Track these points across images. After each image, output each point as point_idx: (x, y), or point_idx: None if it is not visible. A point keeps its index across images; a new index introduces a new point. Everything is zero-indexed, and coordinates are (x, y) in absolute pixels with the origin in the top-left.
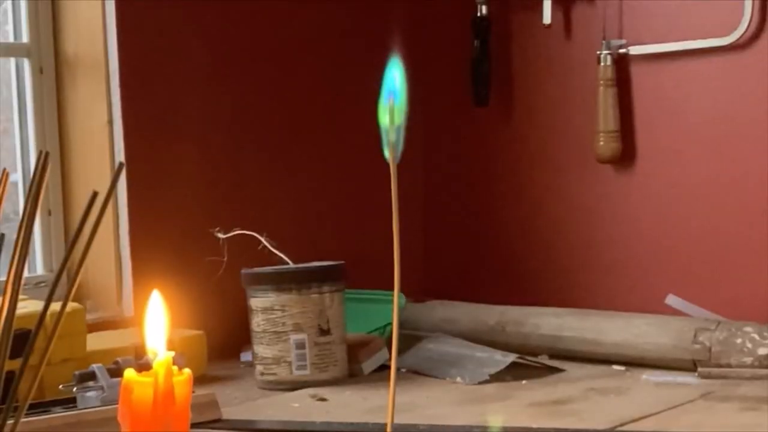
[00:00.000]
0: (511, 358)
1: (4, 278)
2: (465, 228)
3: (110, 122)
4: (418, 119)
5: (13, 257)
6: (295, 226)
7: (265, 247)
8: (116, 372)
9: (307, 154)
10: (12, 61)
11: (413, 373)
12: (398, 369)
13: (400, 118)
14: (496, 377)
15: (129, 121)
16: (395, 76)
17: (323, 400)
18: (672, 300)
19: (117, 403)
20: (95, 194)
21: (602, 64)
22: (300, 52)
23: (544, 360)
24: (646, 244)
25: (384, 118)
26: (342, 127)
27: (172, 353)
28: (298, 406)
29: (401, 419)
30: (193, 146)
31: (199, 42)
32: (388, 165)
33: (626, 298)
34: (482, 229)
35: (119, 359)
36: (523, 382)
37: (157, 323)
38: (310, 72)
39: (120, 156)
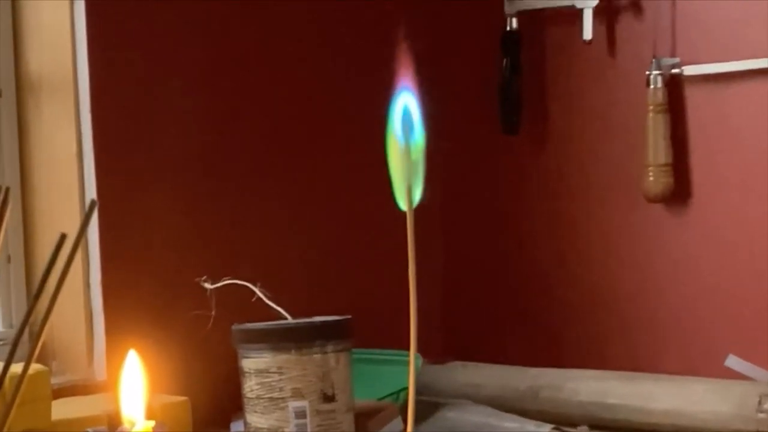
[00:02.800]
0: (547, 429)
1: None
2: (490, 277)
3: (80, 154)
4: (436, 151)
5: None
6: (294, 275)
7: (259, 299)
8: None
9: (309, 193)
10: None
11: None
12: None
13: (417, 158)
14: None
15: (101, 153)
16: (409, 107)
17: None
18: (733, 361)
19: None
20: (63, 237)
21: (652, 86)
22: (299, 77)
23: (585, 431)
24: (702, 296)
25: (395, 159)
26: (349, 163)
27: (152, 423)
28: None
29: None
30: (176, 182)
31: (183, 62)
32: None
33: (679, 359)
34: (510, 279)
35: (90, 430)
36: None
37: (134, 388)
38: (311, 98)
39: (91, 193)
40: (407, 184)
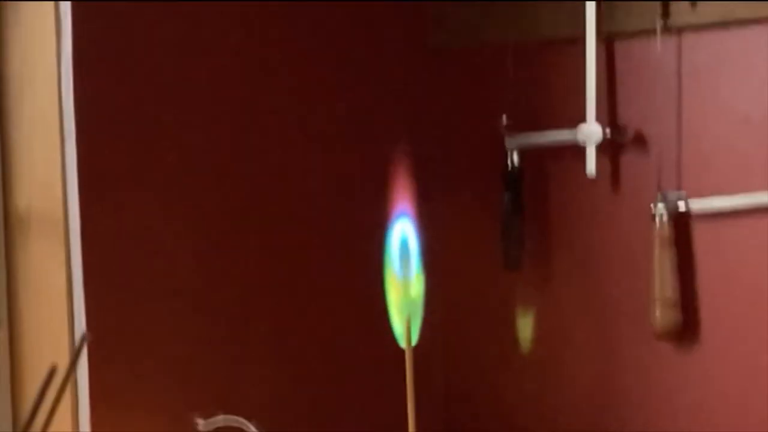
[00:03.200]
0: None
1: None
2: (494, 419)
3: (69, 290)
4: (436, 288)
5: None
6: (290, 412)
7: None
8: None
9: (305, 328)
10: None
11: None
12: None
13: (416, 293)
14: None
15: (92, 290)
16: (407, 240)
17: None
18: None
19: None
20: (54, 369)
21: (657, 221)
22: (294, 215)
23: None
24: None
25: (394, 295)
26: (348, 298)
27: None
28: None
29: None
30: (169, 317)
31: (176, 198)
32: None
33: None
34: (515, 419)
35: None
36: None
37: None
38: (307, 229)
39: (81, 327)
40: (406, 320)
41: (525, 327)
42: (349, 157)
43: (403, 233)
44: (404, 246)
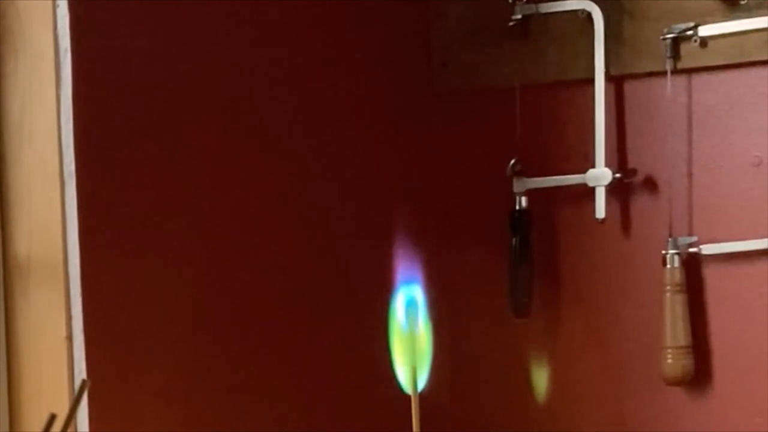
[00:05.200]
0: None
1: None
2: None
3: (69, 338)
4: (442, 337)
5: None
6: None
7: None
8: None
9: (308, 370)
10: None
11: None
12: None
13: (422, 345)
14: None
15: (92, 337)
16: (413, 295)
17: None
18: None
19: None
20: (53, 417)
21: (669, 265)
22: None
23: None
24: None
25: (399, 345)
26: (352, 344)
27: None
28: None
29: None
30: (170, 364)
31: (178, 242)
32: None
33: None
34: None
35: None
36: None
37: None
38: (312, 273)
39: (81, 376)
40: (411, 368)
41: (534, 375)
42: (351, 201)
43: (408, 286)
44: (410, 298)
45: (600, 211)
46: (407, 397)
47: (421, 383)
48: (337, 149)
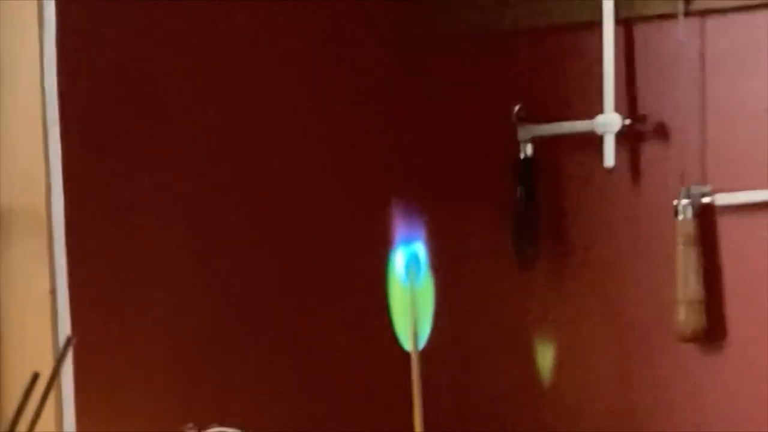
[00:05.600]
0: None
1: None
2: (507, 424)
3: (53, 292)
4: (445, 288)
5: None
6: (288, 420)
7: None
8: None
9: (304, 330)
10: None
11: None
12: None
13: (424, 299)
14: None
15: (77, 292)
16: (415, 249)
17: None
18: None
19: None
20: (36, 376)
21: (681, 216)
22: (305, 213)
23: None
24: None
25: (399, 299)
26: (348, 300)
27: None
28: None
29: None
30: (159, 322)
31: (164, 193)
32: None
33: None
34: (529, 424)
35: None
36: None
37: None
38: (308, 225)
39: (65, 331)
40: (412, 325)
41: (539, 330)
42: (354, 150)
43: (409, 240)
44: (411, 253)
45: (609, 160)
46: (408, 355)
47: (422, 340)
48: (338, 98)
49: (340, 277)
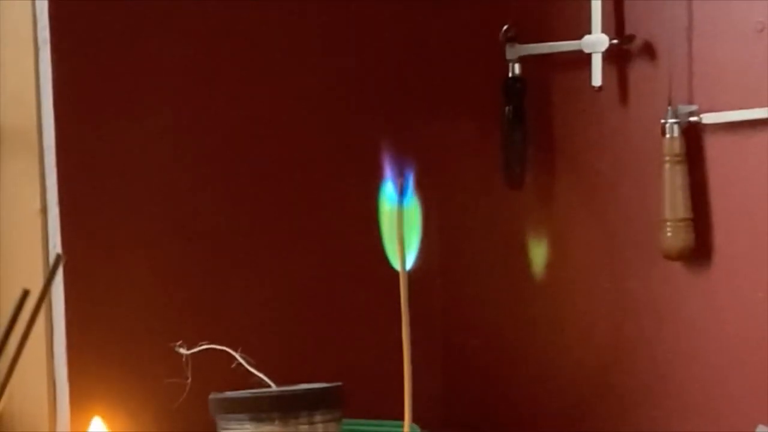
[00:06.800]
0: None
1: None
2: (495, 341)
3: (44, 210)
4: (433, 209)
5: None
6: (278, 339)
7: (240, 365)
8: None
9: (294, 251)
10: None
11: None
12: None
13: (411, 220)
14: None
15: (67, 210)
16: (402, 170)
17: None
18: None
19: None
20: (26, 293)
21: (668, 135)
22: (286, 128)
23: None
24: (728, 362)
25: (388, 219)
26: (338, 220)
27: None
28: None
29: None
30: (149, 239)
31: (156, 113)
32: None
33: (702, 430)
34: (516, 343)
35: None
36: None
37: None
38: (297, 149)
39: (56, 250)
40: (400, 242)
41: (527, 250)
42: (342, 72)
43: (397, 161)
44: (399, 173)
45: (596, 79)
46: (396, 274)
47: (410, 260)
48: (322, 24)
49: (331, 200)
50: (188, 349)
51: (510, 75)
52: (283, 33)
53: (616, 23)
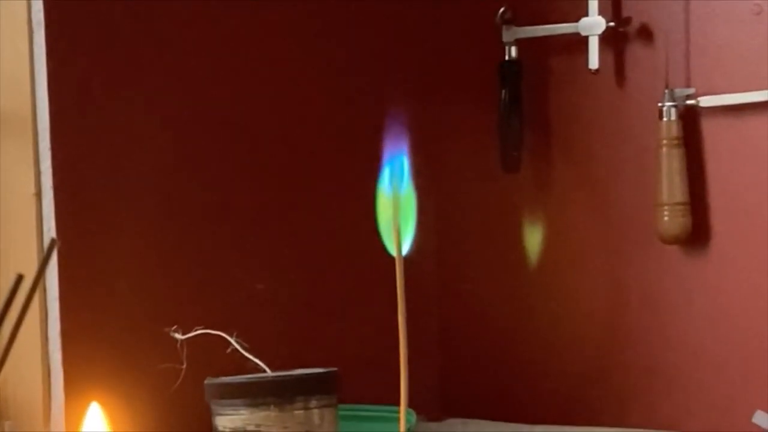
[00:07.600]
0: None
1: None
2: (492, 327)
3: (38, 194)
4: (430, 193)
5: None
6: (274, 324)
7: (235, 350)
8: None
9: (290, 235)
10: None
11: None
12: None
13: (407, 206)
14: None
15: (62, 194)
16: (400, 157)
17: None
18: (760, 418)
19: None
20: (20, 278)
21: (665, 118)
22: (280, 112)
23: None
24: (724, 347)
25: (384, 204)
26: (334, 204)
27: None
28: None
29: None
30: (144, 223)
31: (152, 97)
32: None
33: (699, 416)
34: (513, 328)
35: None
36: None
37: None
38: (293, 132)
39: (51, 234)
40: (396, 227)
41: (524, 234)
42: (338, 54)
43: (393, 145)
44: (395, 158)
45: (593, 62)
46: (392, 260)
47: (406, 245)
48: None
49: (327, 185)
50: (183, 334)
51: (506, 58)
52: (278, 16)
53: (613, 6)
